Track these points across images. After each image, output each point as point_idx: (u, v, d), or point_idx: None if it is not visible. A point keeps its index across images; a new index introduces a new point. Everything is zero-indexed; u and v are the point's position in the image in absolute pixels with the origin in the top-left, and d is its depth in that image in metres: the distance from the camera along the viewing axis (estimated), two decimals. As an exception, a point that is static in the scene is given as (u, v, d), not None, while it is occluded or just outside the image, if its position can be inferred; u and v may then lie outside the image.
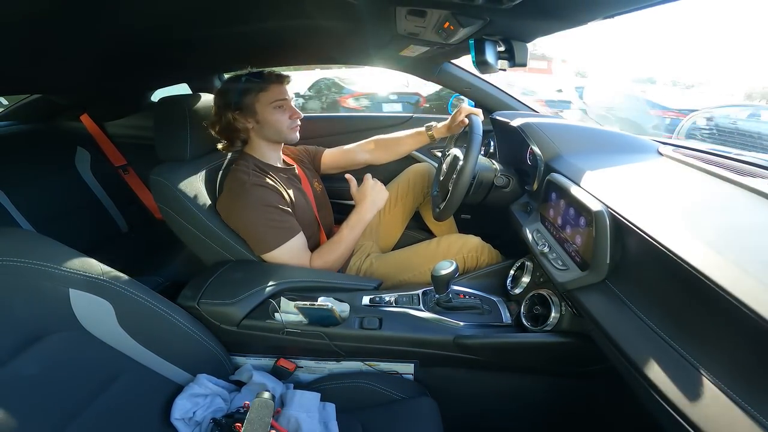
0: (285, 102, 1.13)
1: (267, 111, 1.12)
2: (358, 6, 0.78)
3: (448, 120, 1.34)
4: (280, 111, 1.13)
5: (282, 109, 1.13)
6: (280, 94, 1.12)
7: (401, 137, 1.45)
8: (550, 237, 0.91)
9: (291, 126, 1.16)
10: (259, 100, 1.11)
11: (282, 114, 1.13)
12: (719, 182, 0.77)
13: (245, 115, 1.12)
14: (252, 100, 1.11)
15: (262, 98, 1.11)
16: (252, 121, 1.13)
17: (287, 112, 1.14)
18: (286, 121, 1.14)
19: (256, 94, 1.11)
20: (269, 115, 1.12)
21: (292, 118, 1.15)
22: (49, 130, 1.62)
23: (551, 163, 0.99)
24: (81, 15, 0.67)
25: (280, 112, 1.13)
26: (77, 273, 0.67)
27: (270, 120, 1.12)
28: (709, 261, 0.49)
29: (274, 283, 0.98)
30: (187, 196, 1.03)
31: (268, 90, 1.11)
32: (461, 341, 0.88)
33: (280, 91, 1.12)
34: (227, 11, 0.80)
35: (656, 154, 1.03)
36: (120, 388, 0.69)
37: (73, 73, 1.17)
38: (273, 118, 1.12)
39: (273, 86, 1.11)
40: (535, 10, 0.67)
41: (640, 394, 0.56)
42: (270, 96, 1.11)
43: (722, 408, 0.43)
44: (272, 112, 1.12)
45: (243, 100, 1.10)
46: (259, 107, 1.11)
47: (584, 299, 0.71)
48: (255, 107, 1.11)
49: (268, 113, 1.12)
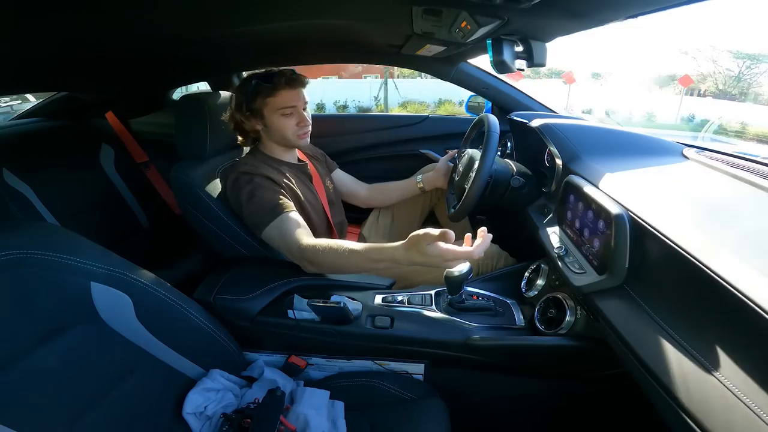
0: (294, 109, 1.12)
1: (274, 117, 1.11)
2: (375, 4, 0.78)
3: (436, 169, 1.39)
4: (286, 118, 1.12)
5: (289, 116, 1.12)
6: (289, 100, 1.11)
7: (394, 186, 1.47)
8: (567, 240, 0.89)
9: (298, 133, 1.14)
10: (267, 105, 1.10)
11: (289, 120, 1.12)
12: (746, 186, 0.75)
13: (254, 117, 1.12)
14: (260, 104, 1.10)
15: (270, 103, 1.10)
16: (260, 124, 1.13)
17: (294, 118, 1.13)
18: (292, 127, 1.13)
19: (264, 99, 1.10)
20: (276, 121, 1.12)
21: (299, 125, 1.13)
22: (75, 126, 1.67)
23: (570, 164, 0.97)
24: (107, 17, 0.69)
25: (287, 119, 1.12)
26: (99, 266, 0.69)
27: (276, 126, 1.12)
28: (733, 268, 0.48)
29: (288, 280, 0.99)
30: (206, 193, 1.05)
31: (277, 96, 1.10)
32: (473, 343, 0.87)
33: (289, 97, 1.10)
34: (246, 11, 0.81)
35: (680, 156, 0.99)
36: (135, 381, 0.70)
37: (100, 73, 1.20)
38: (279, 124, 1.12)
39: (282, 92, 1.10)
40: (554, 10, 0.66)
41: (655, 400, 0.54)
42: (278, 102, 1.10)
43: (741, 417, 0.42)
44: (279, 119, 1.11)
45: (252, 103, 1.10)
46: (267, 112, 1.11)
47: (601, 304, 0.70)
48: (263, 111, 1.11)
49: (275, 119, 1.11)
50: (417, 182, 1.42)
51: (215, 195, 1.07)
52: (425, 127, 1.75)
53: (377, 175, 1.61)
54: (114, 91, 1.62)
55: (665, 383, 0.51)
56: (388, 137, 1.78)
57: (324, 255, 0.91)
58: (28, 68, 0.95)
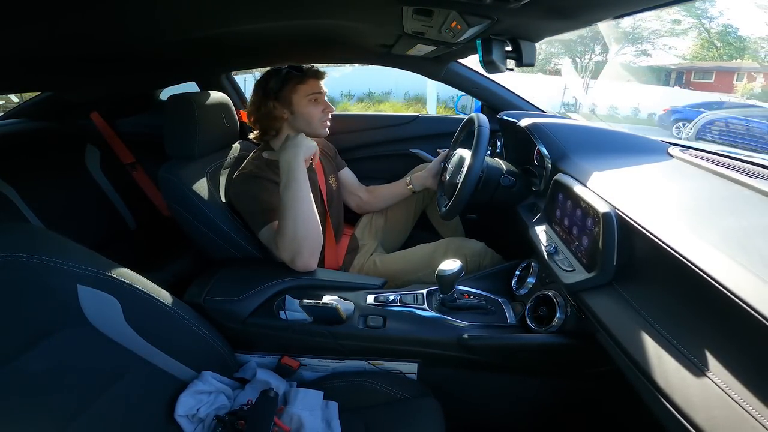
0: (320, 96, 1.19)
1: (302, 103, 1.17)
2: (366, 4, 0.78)
3: (427, 169, 1.41)
4: (314, 104, 1.18)
5: (316, 103, 1.19)
6: (318, 87, 1.18)
7: (386, 189, 1.50)
8: (556, 238, 0.90)
9: (322, 120, 1.21)
10: (296, 92, 1.17)
11: (315, 107, 1.19)
12: (729, 184, 0.76)
13: (282, 104, 1.17)
14: (290, 91, 1.16)
15: (300, 90, 1.17)
16: (287, 112, 1.18)
17: (321, 105, 1.19)
18: (318, 114, 1.19)
19: (295, 86, 1.16)
20: (303, 107, 1.18)
21: (324, 112, 1.20)
22: (60, 127, 1.63)
23: (558, 163, 0.98)
24: (91, 15, 0.68)
25: (314, 105, 1.18)
26: (85, 269, 0.67)
27: (303, 112, 1.18)
28: (718, 264, 0.49)
29: (279, 281, 0.99)
30: (195, 193, 1.04)
31: (306, 83, 1.17)
32: (465, 341, 0.88)
33: (317, 84, 1.18)
34: (236, 10, 0.80)
35: (666, 155, 1.01)
36: (125, 384, 0.69)
37: (85, 73, 1.18)
38: (307, 110, 1.18)
39: (311, 80, 1.17)
40: (543, 10, 0.66)
41: (644, 396, 0.55)
42: (308, 88, 1.17)
43: (728, 411, 0.43)
44: (307, 105, 1.17)
45: (281, 90, 1.16)
46: (296, 98, 1.17)
47: (590, 301, 0.71)
48: (291, 98, 1.17)
49: (303, 105, 1.17)
50: (407, 183, 1.44)
51: (204, 195, 1.06)
52: (415, 127, 1.75)
53: (368, 175, 1.61)
54: (100, 91, 1.59)
55: (654, 379, 0.52)
56: (377, 137, 1.77)
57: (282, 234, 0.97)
58: (8, 67, 0.93)
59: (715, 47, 14.67)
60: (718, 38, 14.54)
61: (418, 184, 1.42)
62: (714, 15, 14.26)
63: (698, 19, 14.54)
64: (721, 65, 14.14)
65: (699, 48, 15.11)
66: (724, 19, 14.45)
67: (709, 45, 14.82)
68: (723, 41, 14.51)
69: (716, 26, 14.49)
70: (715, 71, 13.85)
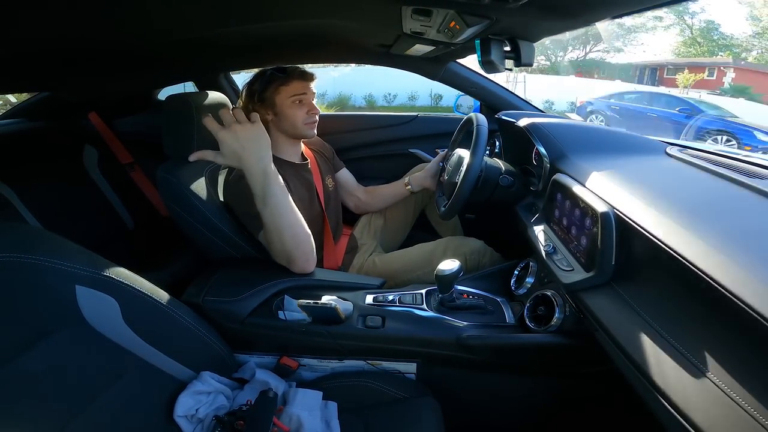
0: (304, 97, 1.18)
1: (286, 104, 1.17)
2: (365, 5, 0.78)
3: (426, 170, 1.42)
4: (297, 106, 1.17)
5: (300, 104, 1.18)
6: (301, 88, 1.17)
7: (385, 189, 1.50)
8: (555, 238, 0.90)
9: (306, 121, 1.20)
10: (279, 93, 1.16)
11: (300, 109, 1.18)
12: (727, 184, 0.76)
13: (265, 106, 1.17)
14: (273, 92, 1.16)
15: (282, 91, 1.16)
16: (270, 113, 1.18)
17: (305, 107, 1.19)
18: (302, 116, 1.18)
19: (278, 87, 1.16)
20: (287, 109, 1.17)
21: (309, 113, 1.19)
22: (58, 127, 1.63)
23: (557, 163, 0.98)
24: (89, 15, 0.68)
25: (298, 107, 1.17)
26: (84, 269, 0.67)
27: (287, 113, 1.17)
28: (716, 263, 0.49)
29: (278, 281, 0.98)
30: (193, 193, 1.03)
31: (289, 85, 1.16)
32: (464, 341, 0.88)
33: (301, 86, 1.17)
34: (235, 10, 0.80)
35: (663, 154, 1.02)
36: (124, 384, 0.69)
37: (83, 73, 1.18)
38: (290, 111, 1.17)
39: (295, 81, 1.17)
40: (542, 10, 0.66)
41: (643, 396, 0.55)
42: (291, 90, 1.16)
43: (727, 411, 0.43)
44: (290, 106, 1.17)
45: (265, 92, 1.16)
46: (279, 100, 1.17)
47: (589, 300, 0.71)
48: (275, 99, 1.17)
49: (286, 106, 1.17)
50: (405, 183, 1.44)
51: (202, 195, 1.06)
52: (414, 127, 1.76)
53: (366, 174, 1.61)
54: (98, 91, 1.59)
55: (652, 378, 0.52)
56: (376, 137, 1.77)
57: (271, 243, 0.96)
58: (6, 67, 0.93)
59: (698, 44, 14.80)
60: (701, 35, 14.67)
61: (417, 184, 1.42)
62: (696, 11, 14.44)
63: (680, 16, 14.65)
64: (695, 61, 14.33)
65: (682, 45, 15.28)
66: (706, 16, 14.61)
67: (692, 42, 14.96)
68: (705, 38, 14.65)
69: (698, 22, 14.62)
70: (687, 67, 14.05)
